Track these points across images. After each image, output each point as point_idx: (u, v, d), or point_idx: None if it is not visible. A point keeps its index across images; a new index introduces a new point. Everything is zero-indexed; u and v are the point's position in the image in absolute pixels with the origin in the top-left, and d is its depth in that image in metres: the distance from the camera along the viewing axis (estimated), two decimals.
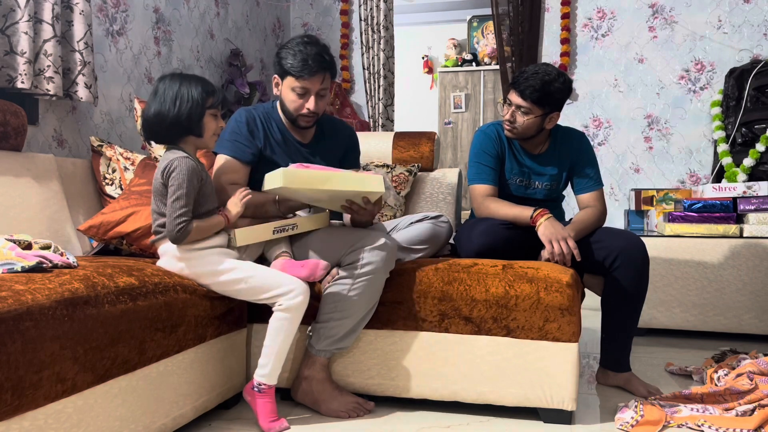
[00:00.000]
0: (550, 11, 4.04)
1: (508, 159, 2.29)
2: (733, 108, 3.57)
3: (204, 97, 1.75)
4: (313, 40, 2.01)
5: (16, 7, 2.19)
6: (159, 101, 1.74)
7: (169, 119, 1.73)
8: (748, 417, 1.79)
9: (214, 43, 3.66)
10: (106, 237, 2.01)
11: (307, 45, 1.98)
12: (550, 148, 2.29)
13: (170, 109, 1.72)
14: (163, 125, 1.74)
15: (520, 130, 2.19)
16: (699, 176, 3.82)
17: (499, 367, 1.86)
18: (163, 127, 1.75)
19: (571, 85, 2.18)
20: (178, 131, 1.76)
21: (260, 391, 1.75)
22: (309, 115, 2.05)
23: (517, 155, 2.29)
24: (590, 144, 2.31)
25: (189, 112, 1.73)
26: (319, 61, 1.98)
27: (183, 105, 1.73)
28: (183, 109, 1.73)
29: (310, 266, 1.78)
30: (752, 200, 3.05)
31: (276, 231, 1.86)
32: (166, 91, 1.74)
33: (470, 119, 6.69)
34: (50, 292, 1.25)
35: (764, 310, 2.98)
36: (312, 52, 1.97)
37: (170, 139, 1.78)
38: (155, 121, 1.75)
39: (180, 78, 1.76)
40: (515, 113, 2.18)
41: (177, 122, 1.73)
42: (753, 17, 3.73)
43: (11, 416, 1.14)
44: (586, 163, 2.27)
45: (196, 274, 1.72)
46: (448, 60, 6.84)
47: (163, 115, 1.73)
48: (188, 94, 1.73)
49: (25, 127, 2.11)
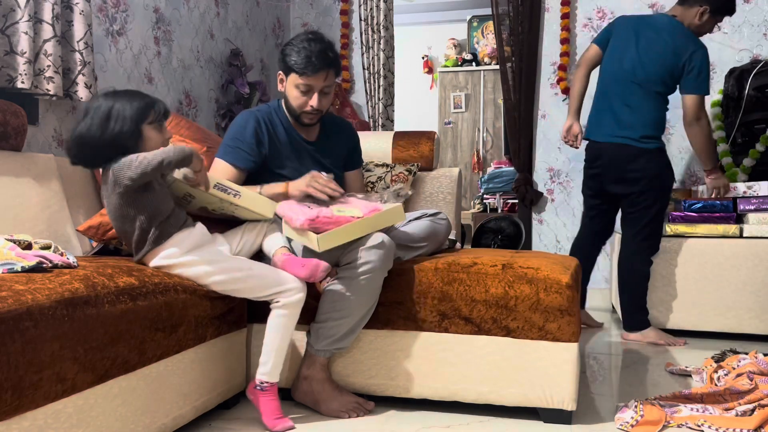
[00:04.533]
0: (550, 11, 4.04)
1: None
2: (733, 108, 3.57)
3: (141, 114, 1.66)
4: (318, 37, 2.01)
5: (16, 7, 2.19)
6: (87, 123, 1.64)
7: (96, 141, 1.62)
8: (748, 417, 1.79)
9: (214, 43, 3.66)
10: (105, 237, 2.01)
11: (311, 42, 1.98)
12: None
13: (98, 131, 1.62)
14: (86, 148, 1.64)
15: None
16: (699, 176, 3.82)
17: (499, 367, 1.86)
18: (88, 151, 1.64)
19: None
20: (113, 151, 1.63)
21: (263, 390, 1.75)
22: (313, 112, 2.05)
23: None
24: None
25: (121, 131, 1.63)
26: (323, 58, 1.98)
27: (114, 125, 1.63)
28: (114, 129, 1.62)
29: (310, 267, 1.76)
30: (752, 200, 3.05)
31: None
32: (96, 111, 1.64)
33: (470, 119, 6.69)
34: (50, 292, 1.25)
35: (764, 310, 2.97)
36: (316, 49, 1.97)
37: (99, 162, 1.67)
38: (78, 144, 1.64)
39: (113, 96, 1.67)
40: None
41: (109, 144, 1.63)
42: (753, 17, 3.72)
43: (11, 416, 1.14)
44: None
45: (196, 275, 1.71)
46: (448, 60, 6.84)
47: (88, 137, 1.62)
48: (120, 112, 1.63)
49: (25, 127, 2.11)
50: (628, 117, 2.92)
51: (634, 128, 2.90)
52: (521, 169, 4.04)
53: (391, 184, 2.65)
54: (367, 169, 2.68)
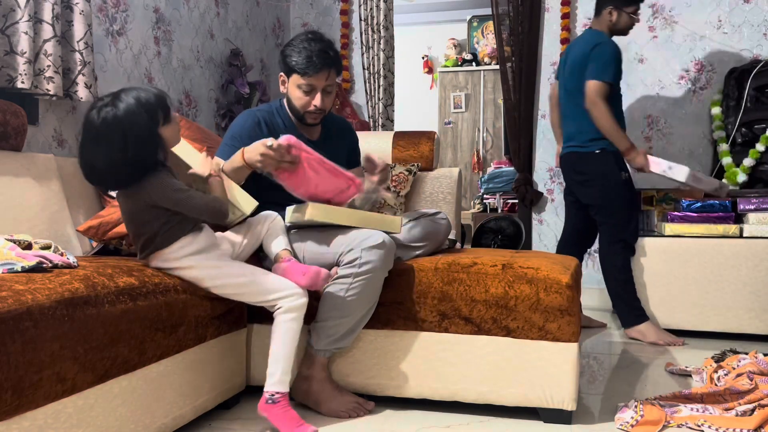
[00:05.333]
0: (550, 11, 4.03)
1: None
2: (733, 108, 3.57)
3: (153, 120, 1.57)
4: (318, 37, 2.02)
5: (16, 7, 2.19)
6: (106, 145, 1.52)
7: (129, 162, 1.54)
8: (748, 417, 1.79)
9: (214, 43, 3.66)
10: (105, 238, 2.01)
11: (311, 42, 1.99)
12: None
13: (125, 151, 1.52)
14: (123, 171, 1.55)
15: None
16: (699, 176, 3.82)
17: (499, 367, 1.86)
18: (125, 173, 1.57)
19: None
20: (145, 168, 1.58)
21: (275, 402, 1.69)
22: (316, 111, 2.06)
23: None
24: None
25: (149, 144, 1.55)
26: (324, 57, 1.98)
27: (138, 141, 1.53)
28: (140, 145, 1.53)
29: (311, 275, 1.75)
30: (752, 200, 3.05)
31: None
32: (110, 129, 1.52)
33: (470, 119, 6.69)
34: (50, 292, 1.25)
35: (764, 310, 2.97)
36: (316, 48, 1.98)
37: (137, 179, 1.59)
38: (112, 171, 1.55)
39: (116, 106, 1.54)
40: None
41: (140, 161, 1.55)
42: (753, 17, 3.72)
43: (11, 416, 1.14)
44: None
45: (196, 279, 1.70)
46: (448, 60, 6.84)
47: (119, 160, 1.53)
48: (138, 125, 1.53)
49: (25, 127, 2.11)
50: (570, 128, 3.18)
51: (576, 137, 3.14)
52: (521, 169, 4.04)
53: (391, 184, 2.65)
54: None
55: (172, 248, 1.66)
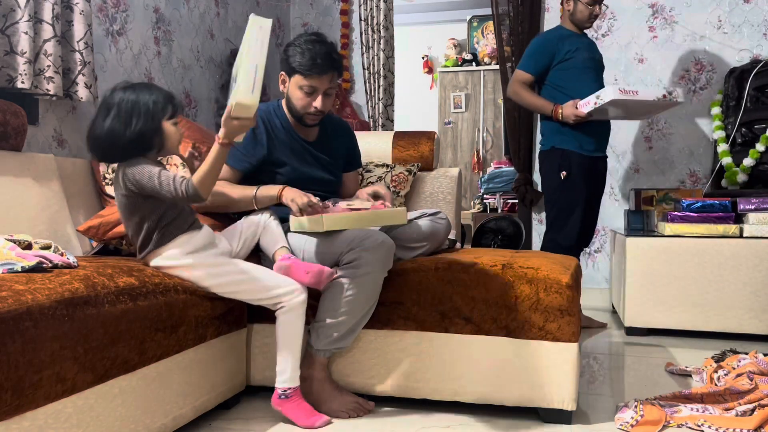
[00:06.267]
0: (550, 11, 4.03)
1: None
2: (733, 108, 3.57)
3: (162, 109, 1.64)
4: (321, 39, 2.02)
5: (16, 7, 2.19)
6: (113, 117, 1.60)
7: (127, 137, 1.60)
8: (748, 417, 1.79)
9: (214, 43, 3.66)
10: (105, 237, 2.01)
11: (315, 43, 1.99)
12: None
13: (122, 127, 1.60)
14: (119, 144, 1.61)
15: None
16: (699, 176, 3.82)
17: (499, 366, 1.86)
18: (119, 146, 1.62)
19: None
20: (137, 148, 1.63)
21: (288, 397, 1.76)
22: (316, 113, 2.06)
23: None
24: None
25: (144, 127, 1.61)
26: (328, 60, 1.99)
27: (137, 121, 1.60)
28: (138, 125, 1.60)
29: (314, 273, 1.76)
30: (752, 200, 3.05)
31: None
32: (119, 106, 1.61)
33: (470, 119, 6.69)
34: (50, 292, 1.25)
35: (764, 310, 2.97)
36: (321, 51, 1.98)
37: (126, 157, 1.65)
38: (108, 140, 1.61)
39: (133, 89, 1.64)
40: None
41: (136, 139, 1.61)
42: (753, 17, 3.72)
43: (11, 416, 1.14)
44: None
45: (196, 278, 1.70)
46: (448, 60, 6.84)
47: (119, 132, 1.60)
48: (146, 105, 1.61)
49: (25, 127, 2.11)
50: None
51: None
52: (521, 169, 4.04)
53: (391, 184, 2.65)
54: (367, 170, 2.68)
55: (171, 246, 1.67)
